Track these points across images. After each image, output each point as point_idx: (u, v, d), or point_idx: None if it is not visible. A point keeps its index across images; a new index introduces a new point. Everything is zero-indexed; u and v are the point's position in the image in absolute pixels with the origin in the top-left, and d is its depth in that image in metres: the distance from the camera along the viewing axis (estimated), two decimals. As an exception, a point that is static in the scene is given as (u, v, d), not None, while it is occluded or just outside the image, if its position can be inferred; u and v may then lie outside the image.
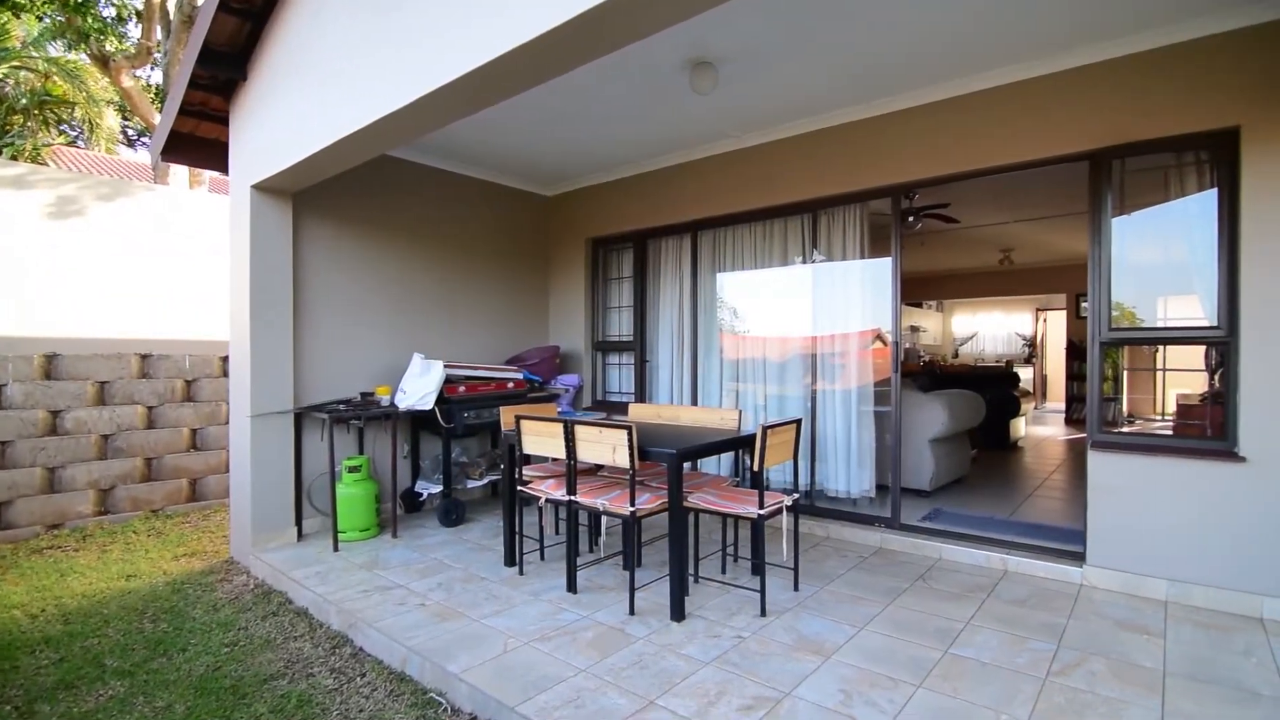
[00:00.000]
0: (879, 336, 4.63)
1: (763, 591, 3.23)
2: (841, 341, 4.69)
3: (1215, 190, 3.32)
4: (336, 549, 4.26)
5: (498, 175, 5.96)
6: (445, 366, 4.77)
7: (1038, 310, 13.50)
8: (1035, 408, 12.96)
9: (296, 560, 4.06)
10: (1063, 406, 11.75)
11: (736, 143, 5.01)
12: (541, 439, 3.48)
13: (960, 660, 2.74)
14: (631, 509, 3.09)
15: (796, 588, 3.52)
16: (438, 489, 4.92)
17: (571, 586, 3.49)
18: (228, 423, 5.22)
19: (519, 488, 3.73)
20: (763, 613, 3.19)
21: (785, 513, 3.29)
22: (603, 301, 6.22)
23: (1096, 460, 3.57)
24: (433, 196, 5.53)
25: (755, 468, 3.15)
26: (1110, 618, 3.15)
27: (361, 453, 4.86)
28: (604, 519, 4.04)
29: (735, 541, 3.92)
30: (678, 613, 3.13)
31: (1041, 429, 10.30)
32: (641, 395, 5.80)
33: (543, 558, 4.00)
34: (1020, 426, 8.57)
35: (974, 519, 4.56)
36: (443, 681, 2.70)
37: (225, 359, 5.93)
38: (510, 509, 3.90)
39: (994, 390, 7.83)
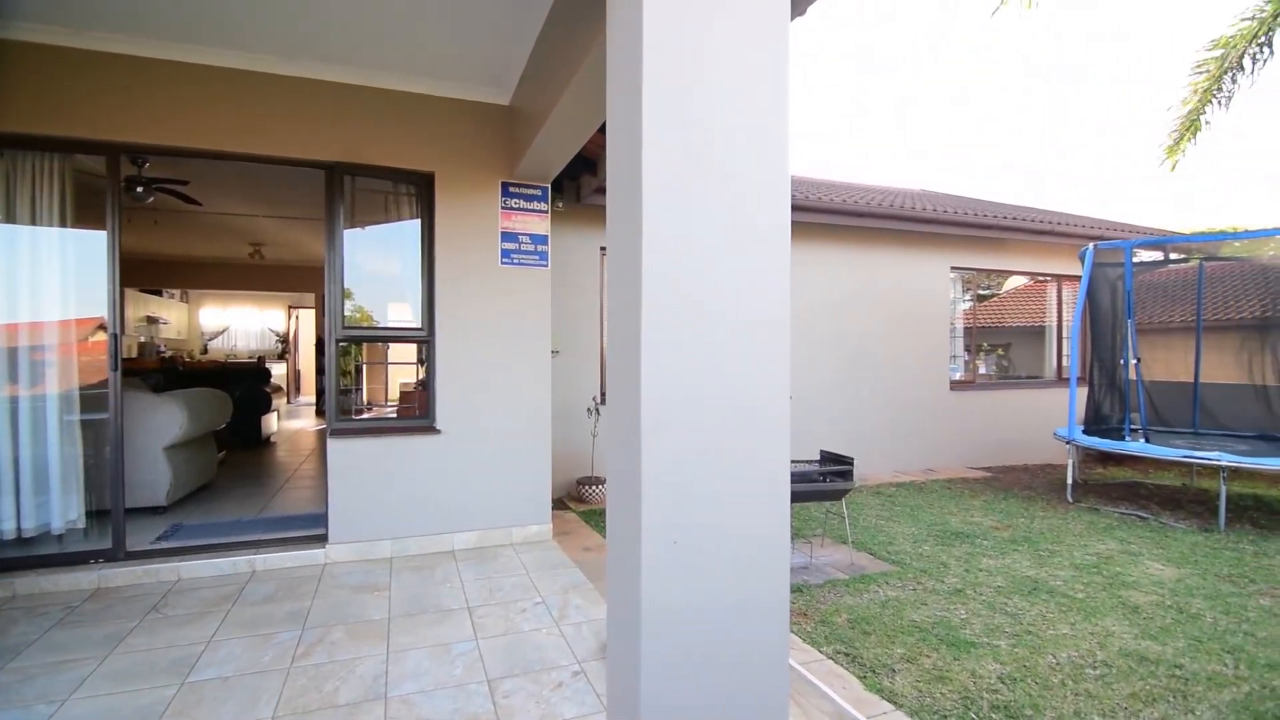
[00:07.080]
0: (102, 327, 3.72)
1: None
2: (33, 333, 3.53)
3: (420, 220, 4.15)
4: None
5: None
6: None
7: (290, 307, 13.89)
8: (289, 402, 13.36)
9: None
10: (314, 399, 12.51)
11: None
12: None
13: (200, 686, 2.48)
14: None
15: (-55, 687, 2.43)
16: None
17: None
18: None
19: None
20: None
21: (-83, 584, 2.21)
22: None
23: (335, 446, 3.91)
24: None
25: None
26: (348, 586, 3.51)
27: None
28: None
29: None
30: None
31: (295, 422, 10.67)
32: None
33: None
34: (273, 422, 8.60)
35: (220, 526, 4.27)
36: None
37: None
38: None
39: (246, 387, 7.60)
